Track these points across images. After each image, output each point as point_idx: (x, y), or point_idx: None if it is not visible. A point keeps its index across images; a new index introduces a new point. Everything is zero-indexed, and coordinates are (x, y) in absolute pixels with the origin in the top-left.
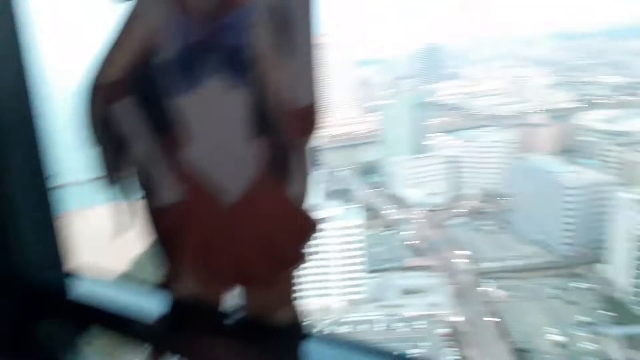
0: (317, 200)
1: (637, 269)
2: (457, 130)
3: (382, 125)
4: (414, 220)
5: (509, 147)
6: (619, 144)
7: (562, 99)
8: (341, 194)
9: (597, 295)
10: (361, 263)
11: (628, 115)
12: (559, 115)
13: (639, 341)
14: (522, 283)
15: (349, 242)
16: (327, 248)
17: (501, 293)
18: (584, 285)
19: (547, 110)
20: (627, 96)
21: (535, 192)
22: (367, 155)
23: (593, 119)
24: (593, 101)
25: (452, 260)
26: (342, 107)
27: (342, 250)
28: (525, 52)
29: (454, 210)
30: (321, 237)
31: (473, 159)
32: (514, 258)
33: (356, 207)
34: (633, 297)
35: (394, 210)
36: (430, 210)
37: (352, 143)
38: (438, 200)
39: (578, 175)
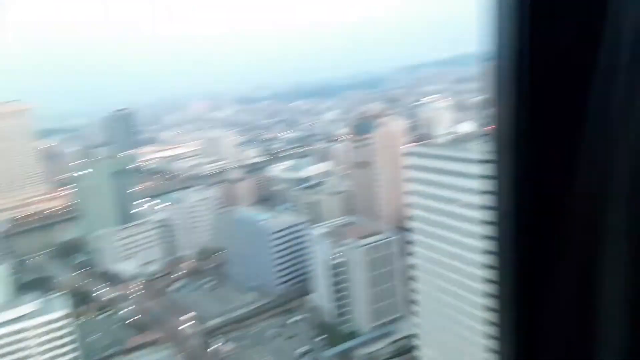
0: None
1: (335, 293)
2: (163, 193)
3: (79, 198)
4: (132, 295)
5: (215, 203)
6: (303, 188)
7: (251, 155)
8: (37, 284)
9: (311, 324)
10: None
11: (304, 163)
12: (251, 169)
13: (349, 356)
14: (247, 331)
15: (53, 340)
16: (24, 354)
17: (230, 346)
18: (299, 317)
19: (241, 166)
20: (301, 148)
21: (245, 242)
22: (66, 234)
23: (279, 169)
24: (276, 154)
25: (178, 328)
26: (26, 184)
27: (45, 352)
28: (212, 115)
29: (173, 275)
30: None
31: (183, 220)
32: (236, 309)
33: (58, 296)
34: (338, 319)
35: (107, 289)
36: (147, 281)
37: (45, 223)
38: (154, 268)
39: (277, 220)
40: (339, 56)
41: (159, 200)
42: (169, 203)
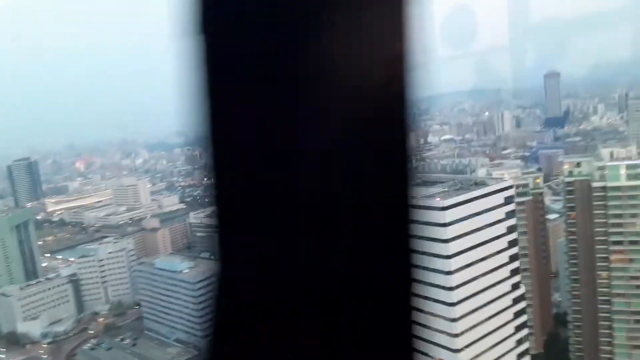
0: None
1: None
2: (73, 246)
3: None
4: (40, 358)
5: (130, 255)
6: None
7: (170, 203)
8: None
9: None
10: None
11: None
12: (170, 217)
13: None
14: None
15: None
16: None
17: None
18: None
19: (159, 215)
20: None
21: (165, 294)
22: None
23: (201, 216)
24: (197, 201)
25: None
26: None
27: None
28: (124, 163)
29: (85, 333)
30: None
31: (95, 274)
32: None
33: None
34: None
35: (12, 353)
36: (57, 341)
37: None
38: (65, 327)
39: (199, 269)
40: None
41: (69, 254)
42: (80, 256)
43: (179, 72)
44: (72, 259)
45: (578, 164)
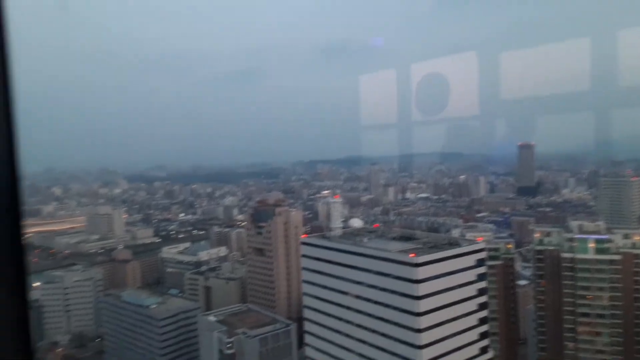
0: None
1: None
2: (40, 271)
3: None
4: None
5: (97, 285)
6: (196, 273)
7: (144, 235)
8: None
9: None
10: None
11: (199, 247)
12: (142, 250)
13: None
14: None
15: None
16: None
17: None
18: None
19: (131, 246)
20: (197, 231)
21: (129, 328)
22: None
23: (173, 252)
24: (170, 236)
25: None
26: None
27: None
28: (102, 191)
29: None
30: None
31: (59, 302)
32: None
33: None
34: None
35: None
36: None
37: None
38: None
39: (166, 305)
40: (241, 145)
41: (33, 278)
42: (45, 282)
43: None
44: (36, 284)
45: (548, 234)
